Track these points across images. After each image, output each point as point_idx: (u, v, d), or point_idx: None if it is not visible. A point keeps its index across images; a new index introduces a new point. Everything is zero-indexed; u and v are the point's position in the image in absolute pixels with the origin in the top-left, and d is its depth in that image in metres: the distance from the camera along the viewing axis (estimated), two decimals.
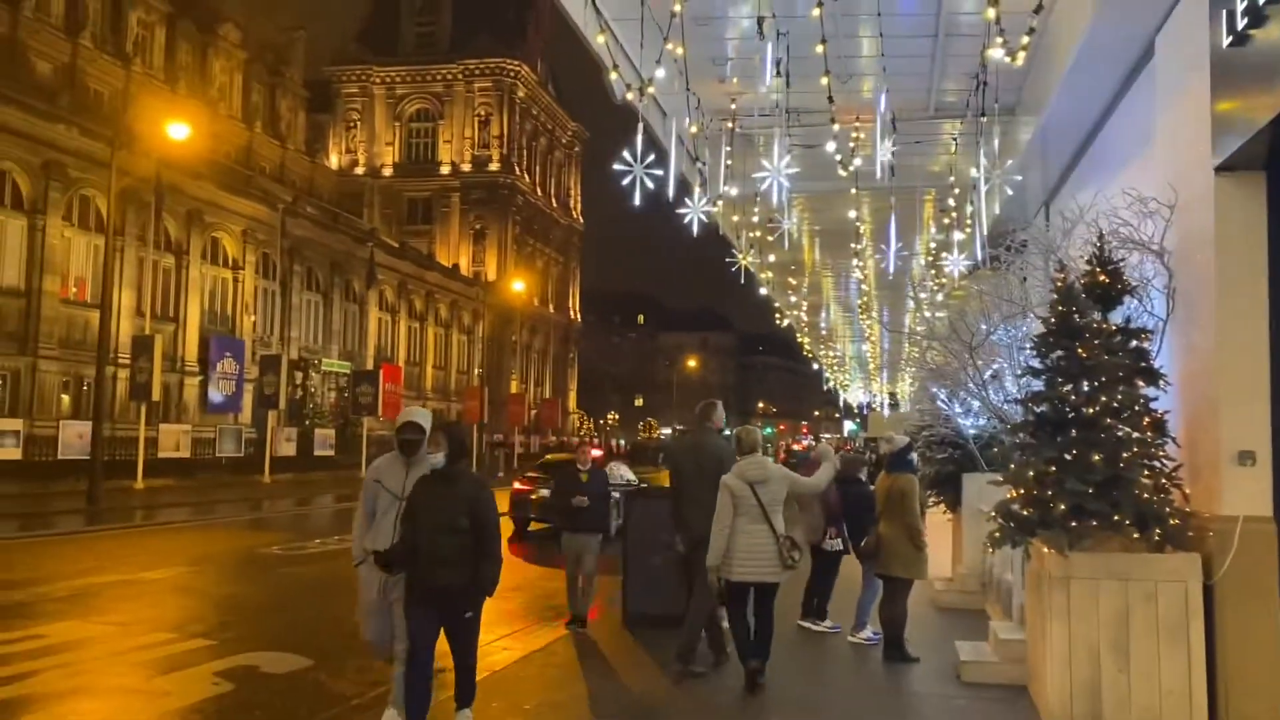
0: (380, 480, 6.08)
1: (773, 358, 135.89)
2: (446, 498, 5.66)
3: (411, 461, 5.97)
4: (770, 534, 7.15)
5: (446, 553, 5.57)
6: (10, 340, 32.17)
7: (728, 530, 7.20)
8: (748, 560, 7.18)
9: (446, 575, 5.60)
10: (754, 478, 7.28)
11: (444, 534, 5.57)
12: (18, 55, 39.69)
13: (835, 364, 40.22)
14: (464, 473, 5.85)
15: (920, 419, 14.49)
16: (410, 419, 6.12)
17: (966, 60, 10.27)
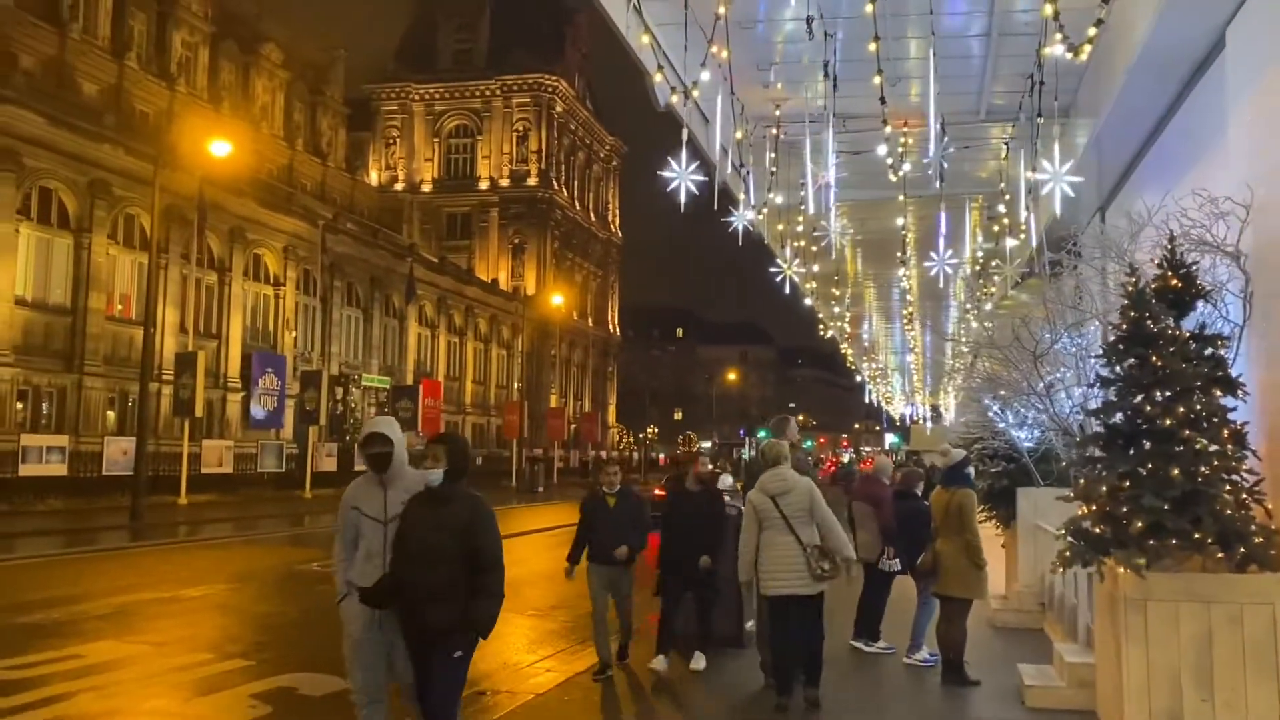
0: (358, 506, 5.23)
1: (813, 370, 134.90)
2: (437, 521, 4.90)
3: (387, 479, 5.16)
4: (796, 545, 7.15)
5: (435, 586, 4.82)
6: (57, 357, 32.57)
7: (754, 544, 7.29)
8: (776, 572, 7.21)
9: (436, 613, 4.82)
10: (775, 490, 7.29)
11: (433, 564, 4.82)
12: (65, 77, 40.42)
13: (878, 376, 39.70)
14: (460, 492, 5.04)
15: (966, 431, 14.08)
16: (375, 429, 5.26)
17: (1020, 61, 9.96)
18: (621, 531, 8.11)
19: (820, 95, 9.60)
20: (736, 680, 8.31)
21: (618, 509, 8.27)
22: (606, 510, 8.28)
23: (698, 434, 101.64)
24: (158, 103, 45.42)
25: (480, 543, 4.94)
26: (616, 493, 8.39)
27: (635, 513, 8.37)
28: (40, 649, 8.70)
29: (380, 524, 5.12)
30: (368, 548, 5.14)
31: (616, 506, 8.28)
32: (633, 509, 8.35)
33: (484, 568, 4.92)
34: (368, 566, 5.10)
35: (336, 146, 61.04)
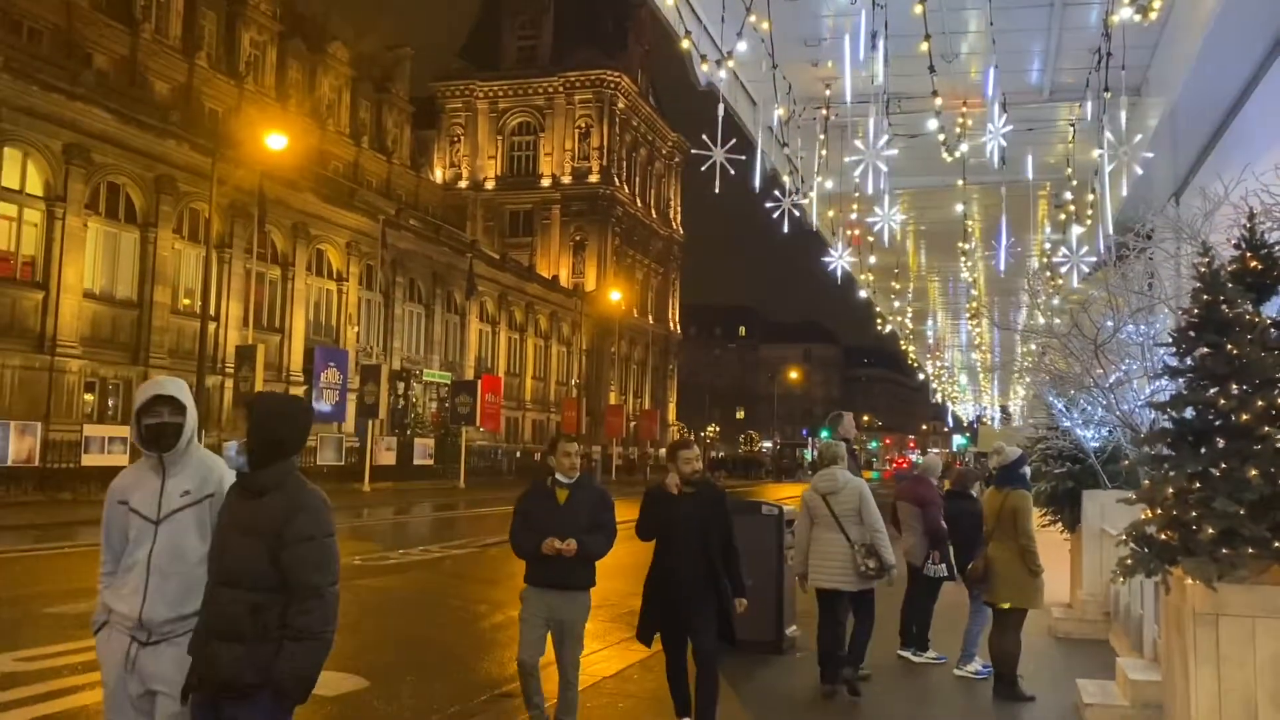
0: (127, 499, 3.74)
1: (878, 370, 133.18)
2: (248, 522, 3.42)
3: (168, 461, 3.67)
4: (844, 542, 7.46)
5: (229, 619, 3.35)
6: (123, 350, 33.14)
7: (805, 539, 7.72)
8: (822, 566, 7.59)
9: (225, 660, 3.33)
10: (825, 489, 7.64)
11: (230, 588, 3.37)
12: (137, 76, 41.24)
13: (943, 374, 38.70)
14: (277, 481, 3.46)
15: (1035, 431, 13.43)
16: (158, 390, 3.73)
17: (1086, 34, 9.32)
18: (570, 534, 5.83)
19: (872, 74, 9.07)
20: (776, 687, 7.86)
21: (570, 505, 5.97)
22: (553, 505, 5.96)
23: (759, 433, 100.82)
24: (227, 101, 46.14)
25: (293, 558, 3.33)
26: (572, 482, 6.04)
27: (594, 511, 6.02)
28: (59, 640, 8.58)
29: (151, 524, 3.65)
30: (129, 558, 3.70)
31: (569, 501, 5.99)
32: (591, 506, 6.03)
33: (299, 596, 3.32)
34: (125, 586, 3.67)
35: (402, 144, 61.54)
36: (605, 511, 6.07)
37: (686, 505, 6.14)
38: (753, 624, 8.79)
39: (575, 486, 6.07)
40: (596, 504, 6.07)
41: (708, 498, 6.29)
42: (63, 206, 30.46)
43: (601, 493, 6.19)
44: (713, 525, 6.13)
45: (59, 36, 38.04)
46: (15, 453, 24.56)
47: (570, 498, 6.02)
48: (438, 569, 15.63)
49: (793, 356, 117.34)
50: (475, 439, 44.45)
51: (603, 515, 6.04)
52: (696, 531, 6.06)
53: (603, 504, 6.09)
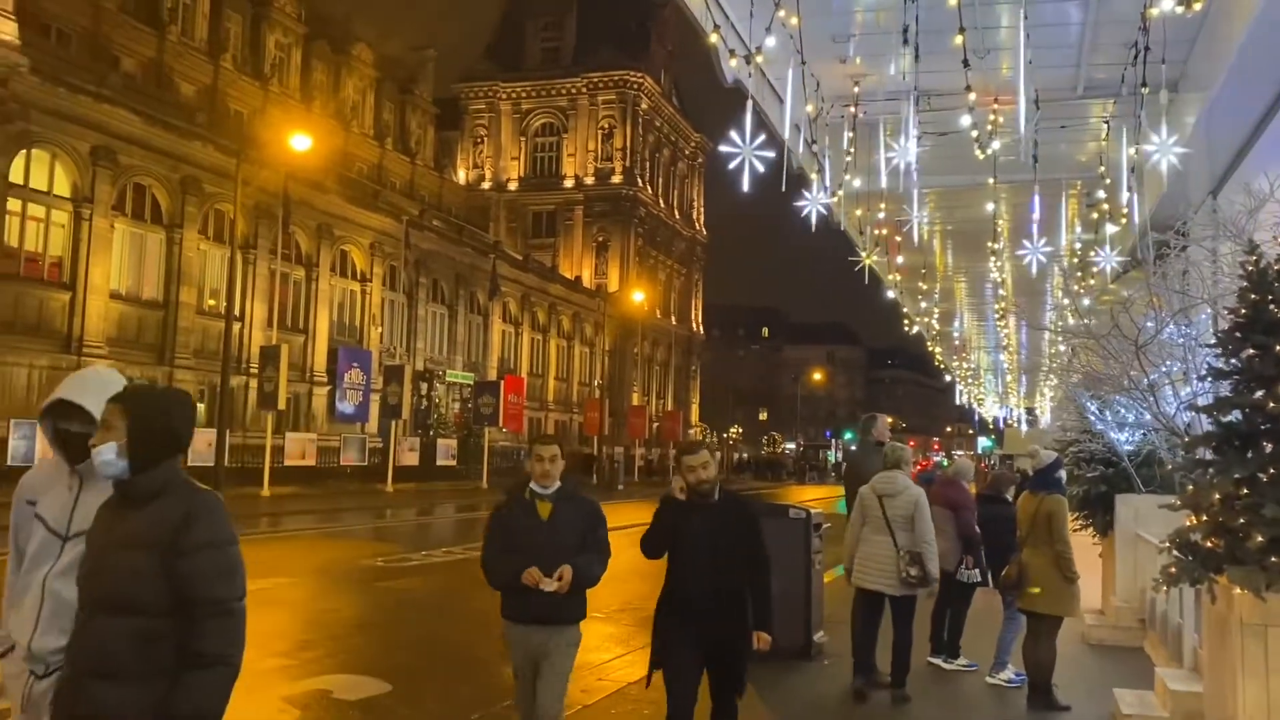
0: (36, 501, 3.29)
1: (902, 371, 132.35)
2: (125, 535, 2.85)
3: (84, 473, 3.15)
4: (891, 546, 7.39)
5: (112, 656, 2.78)
6: (149, 350, 33.34)
7: (855, 538, 7.66)
8: (867, 566, 7.55)
9: (111, 705, 2.77)
10: (882, 491, 7.55)
11: (110, 617, 2.81)
12: (164, 78, 41.51)
13: (969, 376, 38.35)
14: (170, 487, 2.91)
15: (1063, 434, 13.20)
16: (64, 395, 3.18)
17: (1123, 28, 9.11)
18: (559, 557, 4.81)
19: (903, 70, 8.91)
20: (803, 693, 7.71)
21: (555, 522, 4.92)
22: (534, 523, 4.91)
23: (782, 434, 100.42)
24: (252, 102, 46.37)
25: (192, 569, 2.79)
26: (553, 493, 4.98)
27: (584, 528, 4.97)
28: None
29: (59, 540, 3.16)
30: (26, 575, 3.19)
31: (553, 517, 4.93)
32: (580, 522, 4.98)
33: (200, 612, 2.81)
34: (19, 604, 3.17)
35: (425, 145, 61.69)
36: (597, 527, 5.02)
37: (696, 521, 5.03)
38: (780, 629, 8.62)
39: (559, 499, 4.96)
40: (586, 519, 4.99)
41: (726, 513, 5.11)
42: (90, 208, 30.68)
43: (591, 505, 5.11)
44: (732, 545, 5.03)
45: (87, 39, 38.34)
46: (41, 453, 24.68)
47: (555, 513, 4.93)
48: (460, 571, 15.54)
49: (816, 358, 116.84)
50: (498, 440, 44.42)
51: (595, 532, 5.00)
52: (706, 552, 4.98)
53: (594, 519, 5.03)
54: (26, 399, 28.44)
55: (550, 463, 5.00)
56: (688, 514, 5.07)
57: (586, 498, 5.15)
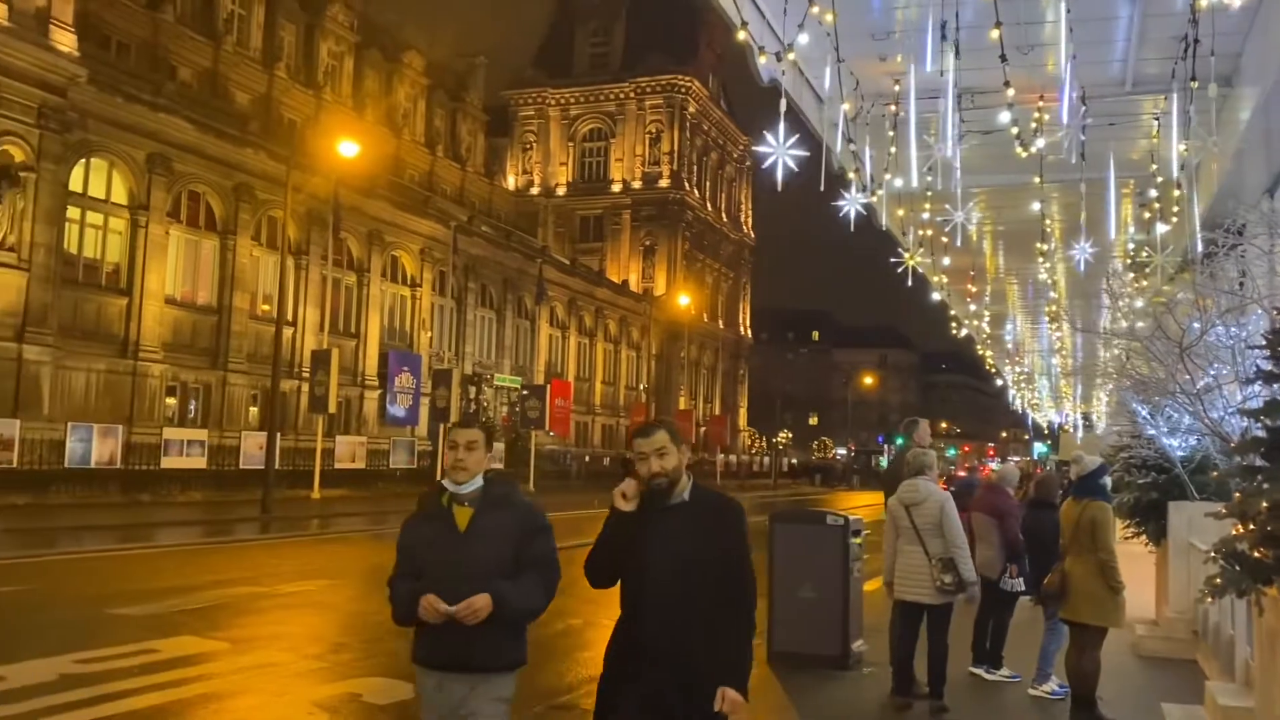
0: None
1: (956, 376, 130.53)
2: None
3: None
4: (923, 555, 7.27)
5: None
6: (203, 355, 33.95)
7: (892, 550, 7.54)
8: (903, 579, 7.43)
9: None
10: (909, 500, 7.41)
11: None
12: (219, 87, 42.27)
13: (1022, 380, 37.67)
14: None
15: (1118, 439, 12.86)
16: None
17: (1171, 20, 8.84)
18: (478, 581, 3.67)
19: (943, 68, 8.72)
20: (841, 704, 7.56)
21: (475, 533, 3.78)
22: (449, 535, 3.78)
23: (833, 439, 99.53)
24: (305, 110, 47.04)
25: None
26: (472, 494, 3.83)
27: (516, 541, 3.81)
28: (119, 642, 8.64)
29: None
30: None
31: (473, 527, 3.79)
32: (510, 532, 3.81)
33: None
34: None
35: (475, 152, 62.16)
36: (535, 540, 3.81)
37: (654, 531, 3.55)
38: (817, 638, 8.54)
39: (482, 504, 3.79)
40: (520, 530, 3.79)
41: (696, 519, 3.59)
42: (146, 215, 31.34)
43: (527, 511, 3.87)
44: (704, 565, 3.53)
45: (145, 50, 39.16)
46: (98, 455, 25.25)
47: (475, 522, 3.76)
48: None
49: (868, 361, 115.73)
50: (545, 443, 44.60)
51: (533, 546, 3.79)
52: (666, 574, 3.51)
53: (530, 529, 3.82)
54: (85, 403, 29.11)
55: (467, 451, 3.78)
56: (643, 522, 3.58)
57: (523, 501, 3.91)
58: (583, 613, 9.54)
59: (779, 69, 7.36)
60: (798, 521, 9.53)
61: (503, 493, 3.89)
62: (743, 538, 3.65)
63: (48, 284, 27.51)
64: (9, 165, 26.39)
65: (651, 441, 3.59)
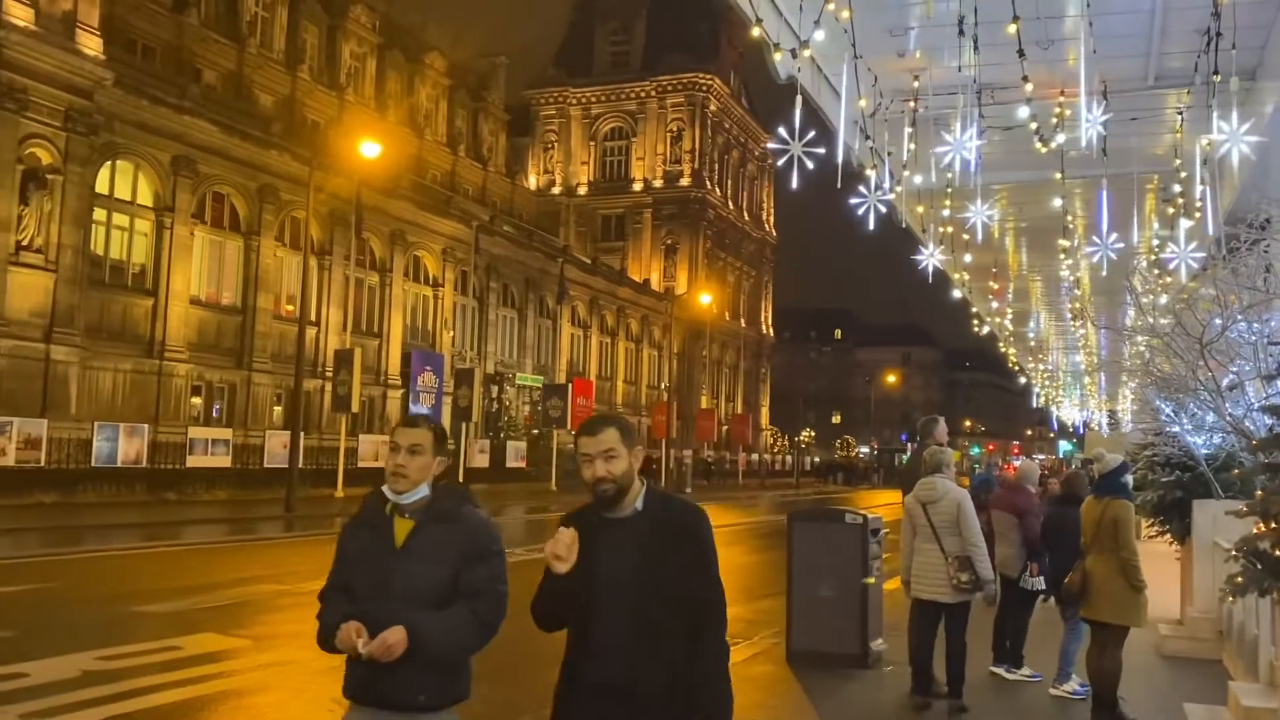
0: None
1: (980, 374, 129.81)
2: None
3: None
4: (939, 553, 7.22)
5: None
6: (228, 355, 34.23)
7: (909, 548, 7.51)
8: (921, 577, 7.40)
9: None
10: (925, 498, 7.36)
11: None
12: (243, 89, 42.60)
13: (1046, 378, 37.39)
14: None
15: (1143, 437, 12.74)
16: None
17: (1193, 14, 8.74)
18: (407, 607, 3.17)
19: (962, 64, 8.67)
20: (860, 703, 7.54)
21: (412, 551, 3.25)
22: (382, 552, 3.27)
23: (856, 438, 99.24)
24: (327, 112, 47.30)
25: None
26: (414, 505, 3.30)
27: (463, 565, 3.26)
28: (142, 639, 8.74)
29: None
30: None
31: (411, 543, 3.26)
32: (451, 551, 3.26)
33: None
34: None
35: (497, 152, 62.31)
36: (481, 562, 3.26)
37: (604, 549, 3.00)
38: (836, 636, 8.52)
39: (425, 516, 3.27)
40: (463, 550, 3.24)
41: (653, 534, 3.03)
42: (171, 216, 31.63)
43: (476, 528, 3.31)
44: (662, 588, 2.97)
45: (170, 53, 39.49)
46: (124, 454, 25.51)
47: (415, 537, 3.24)
48: (521, 572, 15.59)
49: (891, 359, 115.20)
50: (567, 442, 44.48)
51: (475, 571, 3.24)
52: (617, 600, 2.97)
53: (477, 549, 3.27)
54: (111, 402, 29.42)
55: (409, 455, 3.26)
56: (591, 537, 3.01)
57: (474, 518, 3.33)
58: None
59: (795, 66, 7.32)
60: (817, 520, 9.51)
61: (450, 506, 3.30)
62: (708, 551, 3.09)
63: (75, 285, 27.82)
64: (36, 168, 26.70)
65: (598, 442, 3.04)
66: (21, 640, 8.74)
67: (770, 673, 8.42)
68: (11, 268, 26.13)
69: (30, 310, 26.55)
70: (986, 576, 7.20)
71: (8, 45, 25.67)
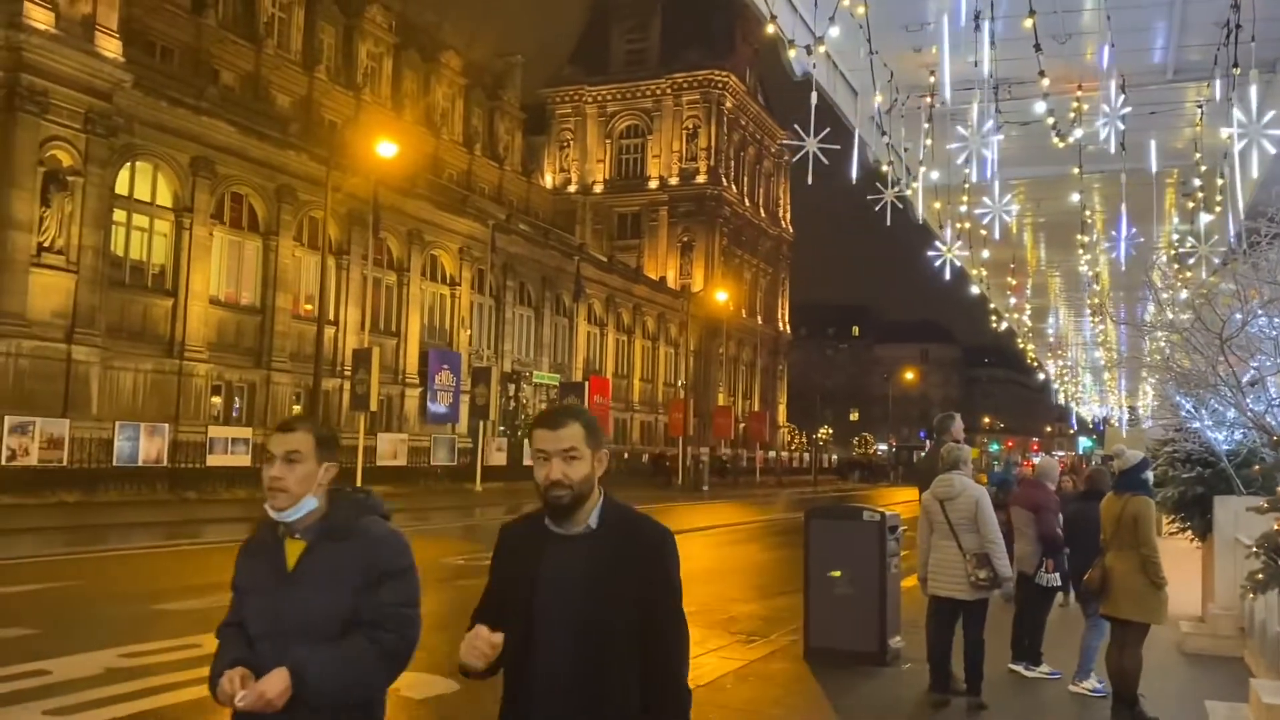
0: None
1: (999, 370, 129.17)
2: None
3: None
4: (957, 550, 7.20)
5: None
6: (247, 354, 34.46)
7: (926, 545, 7.49)
8: (938, 574, 7.38)
9: None
10: (943, 494, 7.34)
11: None
12: (261, 90, 42.87)
13: (1065, 374, 37.18)
14: None
15: (1164, 433, 12.66)
16: None
17: (1213, 6, 8.68)
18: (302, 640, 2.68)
19: (979, 58, 8.63)
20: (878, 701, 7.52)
21: (301, 578, 2.74)
22: (269, 579, 2.79)
23: (874, 435, 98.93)
24: (344, 112, 47.54)
25: None
26: (308, 519, 2.79)
27: (364, 589, 2.72)
28: (164, 637, 8.80)
29: None
30: None
31: (301, 570, 2.75)
32: (358, 579, 2.73)
33: None
34: None
35: (513, 150, 62.46)
36: (384, 585, 2.74)
37: (551, 570, 2.58)
38: (854, 634, 8.50)
39: (318, 534, 2.77)
40: (364, 570, 2.72)
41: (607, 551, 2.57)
42: (190, 217, 31.87)
43: (381, 543, 2.79)
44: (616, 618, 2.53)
45: (189, 55, 39.79)
46: (145, 453, 25.73)
47: (306, 561, 2.75)
48: None
49: (909, 356, 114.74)
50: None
51: (378, 594, 2.72)
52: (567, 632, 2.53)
53: (378, 568, 2.74)
54: (132, 402, 29.66)
55: (286, 465, 2.75)
56: (533, 555, 2.62)
57: (378, 531, 2.81)
58: None
59: (810, 62, 7.31)
60: (834, 517, 9.51)
61: (346, 520, 2.79)
62: (672, 579, 2.62)
63: (95, 286, 28.06)
64: (57, 170, 26.94)
65: (558, 438, 2.59)
66: (44, 638, 8.83)
67: (788, 670, 8.42)
68: (33, 269, 26.39)
69: (52, 311, 26.80)
70: (1005, 574, 7.19)
71: (28, 49, 25.92)
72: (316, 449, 2.80)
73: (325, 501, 2.83)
